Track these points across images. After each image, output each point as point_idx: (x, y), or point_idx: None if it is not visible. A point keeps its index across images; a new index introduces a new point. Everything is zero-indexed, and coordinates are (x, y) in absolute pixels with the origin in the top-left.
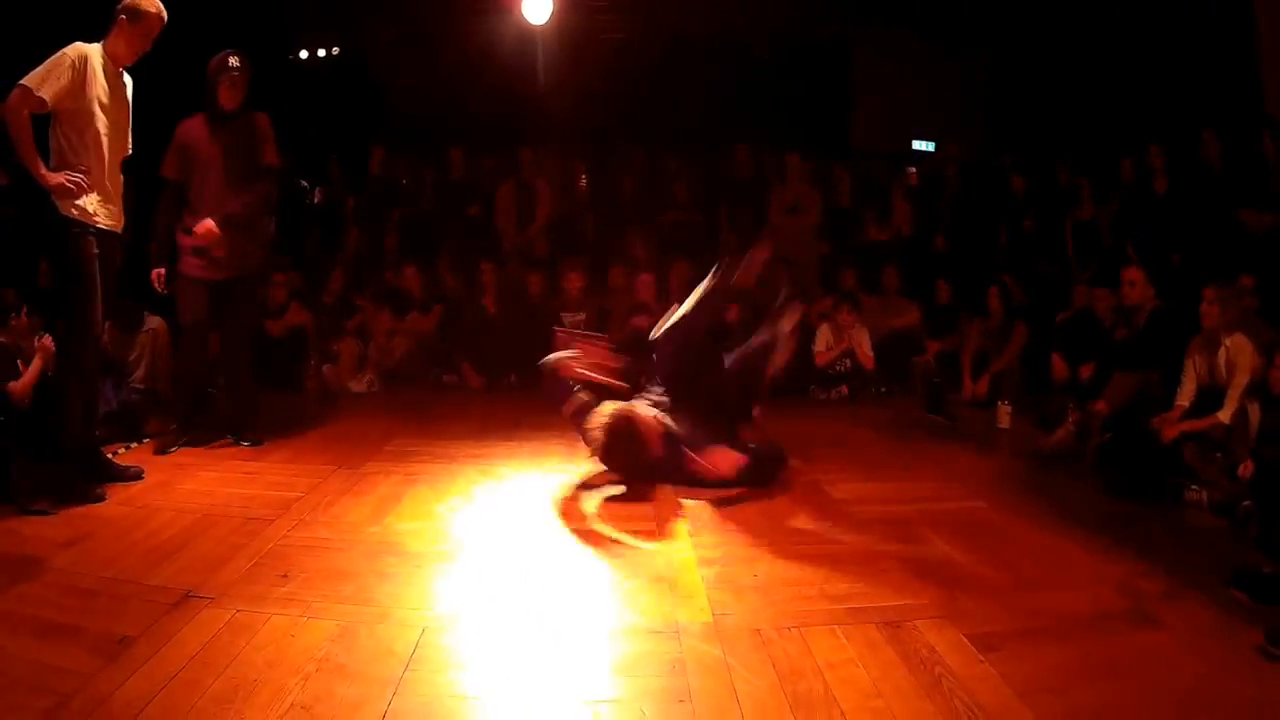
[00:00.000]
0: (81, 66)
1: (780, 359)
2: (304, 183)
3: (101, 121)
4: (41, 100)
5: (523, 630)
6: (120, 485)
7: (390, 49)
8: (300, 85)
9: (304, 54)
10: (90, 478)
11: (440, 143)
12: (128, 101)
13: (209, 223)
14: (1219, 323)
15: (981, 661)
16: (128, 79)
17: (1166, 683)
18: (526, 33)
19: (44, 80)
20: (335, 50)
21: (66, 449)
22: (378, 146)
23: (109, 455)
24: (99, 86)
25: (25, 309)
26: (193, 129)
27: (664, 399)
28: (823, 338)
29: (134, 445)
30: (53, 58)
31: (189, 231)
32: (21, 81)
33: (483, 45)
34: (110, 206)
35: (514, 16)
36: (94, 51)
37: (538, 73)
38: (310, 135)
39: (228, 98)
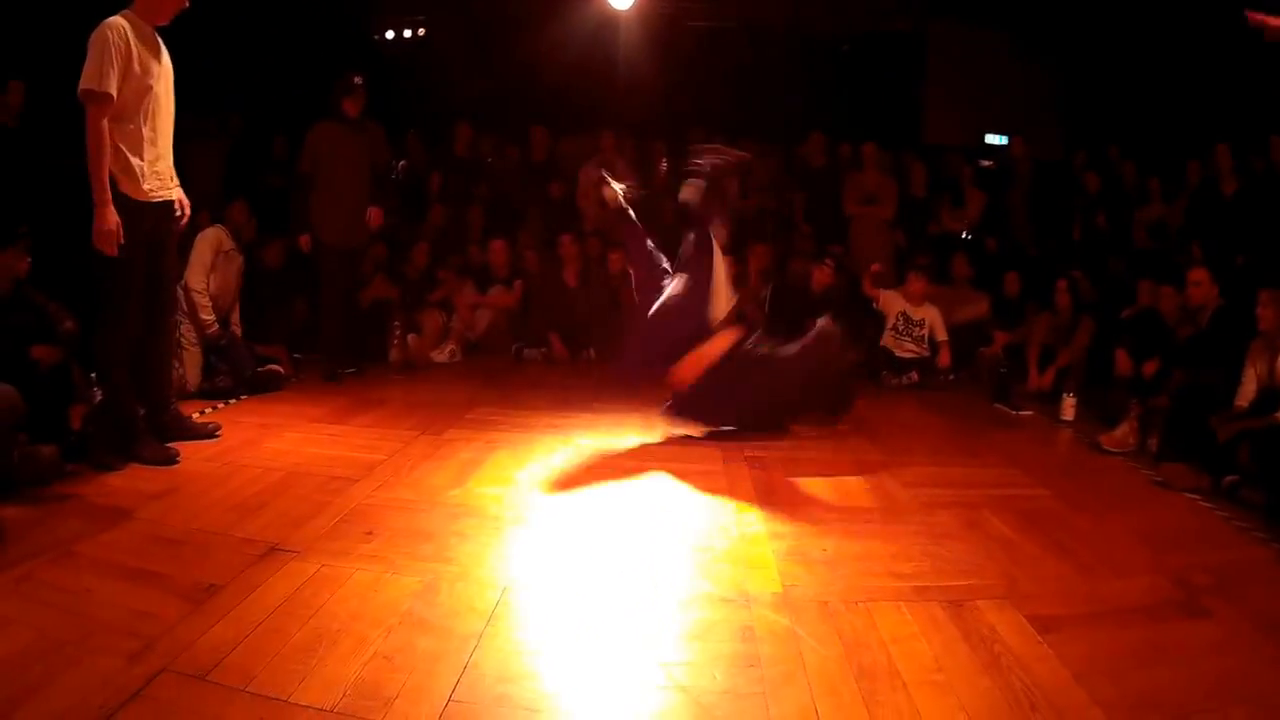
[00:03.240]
0: (124, 45)
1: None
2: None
3: (150, 93)
4: (111, 96)
5: (599, 593)
6: (204, 443)
7: (476, 31)
8: (386, 64)
9: (390, 34)
10: (107, 449)
11: (524, 123)
12: (168, 61)
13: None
14: (1275, 325)
15: (1040, 642)
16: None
17: (1215, 672)
18: (610, 17)
19: (105, 75)
20: (421, 31)
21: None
22: (464, 125)
23: (191, 415)
24: (140, 57)
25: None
26: (324, 131)
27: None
28: (891, 304)
29: (208, 410)
30: (95, 46)
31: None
32: (87, 88)
33: (566, 29)
34: (161, 177)
35: (598, 1)
36: (125, 22)
37: (620, 57)
38: (395, 113)
39: (351, 108)
